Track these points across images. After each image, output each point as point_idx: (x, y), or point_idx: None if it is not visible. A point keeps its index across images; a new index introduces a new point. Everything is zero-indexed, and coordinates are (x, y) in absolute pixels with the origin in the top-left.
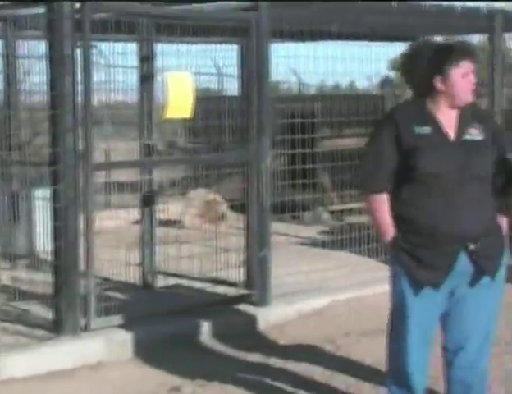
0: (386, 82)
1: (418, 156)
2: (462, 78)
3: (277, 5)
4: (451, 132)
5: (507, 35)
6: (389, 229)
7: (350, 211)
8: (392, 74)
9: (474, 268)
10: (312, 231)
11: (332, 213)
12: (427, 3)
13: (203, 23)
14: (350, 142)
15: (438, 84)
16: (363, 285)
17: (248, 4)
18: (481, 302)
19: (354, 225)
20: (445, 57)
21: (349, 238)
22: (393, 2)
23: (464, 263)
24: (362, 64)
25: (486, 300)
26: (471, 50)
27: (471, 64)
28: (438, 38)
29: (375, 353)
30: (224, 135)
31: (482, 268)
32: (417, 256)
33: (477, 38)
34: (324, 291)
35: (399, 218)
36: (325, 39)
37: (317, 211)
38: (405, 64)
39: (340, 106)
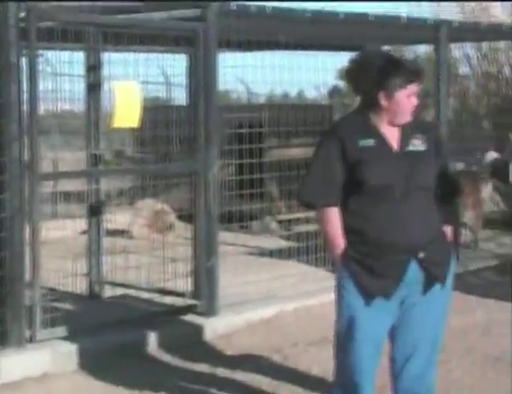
0: (334, 92)
1: (363, 169)
2: (405, 99)
3: (225, 15)
4: (395, 144)
5: (453, 45)
6: (340, 241)
7: (298, 220)
8: (341, 83)
9: (425, 276)
10: (260, 241)
11: (280, 222)
12: (374, 14)
13: (151, 32)
14: (298, 152)
15: (382, 99)
16: (311, 294)
17: (195, 14)
18: (430, 311)
19: (302, 234)
20: (392, 74)
21: (297, 247)
22: (340, 13)
23: (414, 272)
24: (309, 74)
25: (434, 308)
26: (419, 71)
27: (416, 86)
28: (386, 48)
29: (322, 362)
30: (172, 145)
31: (434, 276)
32: (367, 267)
33: (423, 49)
34: (272, 301)
35: (348, 230)
36: (272, 49)
37: (266, 220)
38: (352, 71)
39: (288, 116)
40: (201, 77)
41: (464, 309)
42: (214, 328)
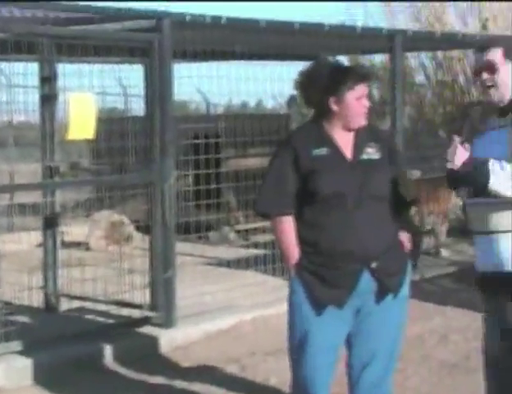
0: (292, 101)
1: (315, 178)
2: (355, 101)
3: (180, 26)
4: (348, 152)
5: (409, 54)
6: (293, 250)
7: (255, 230)
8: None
9: (378, 286)
10: (218, 251)
11: (238, 232)
12: (329, 24)
13: (106, 43)
14: (255, 161)
15: (332, 105)
16: (269, 304)
17: (150, 25)
18: (386, 320)
19: (260, 244)
20: (340, 78)
21: (255, 257)
22: (295, 23)
23: (366, 282)
24: (266, 84)
25: (391, 317)
26: (367, 74)
27: (365, 88)
28: (342, 58)
29: (280, 373)
30: (128, 156)
31: (386, 286)
32: (320, 276)
33: (380, 58)
34: (230, 311)
35: (302, 240)
36: (228, 59)
37: (224, 230)
38: (302, 83)
39: (245, 126)
40: (157, 88)
41: (421, 317)
42: (171, 340)
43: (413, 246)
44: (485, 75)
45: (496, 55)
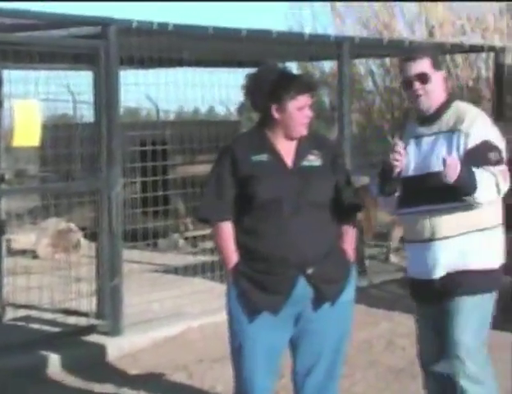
0: (242, 108)
1: (254, 183)
2: (297, 111)
3: (126, 32)
4: (289, 159)
5: (358, 61)
6: (232, 256)
7: (204, 237)
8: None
9: (314, 293)
10: (166, 258)
11: (187, 239)
12: (277, 31)
13: (52, 50)
14: (203, 168)
15: (274, 112)
16: (217, 311)
17: (96, 31)
18: (327, 326)
19: (208, 250)
20: (283, 87)
21: (203, 264)
22: (242, 30)
23: (303, 288)
24: (213, 90)
25: (332, 323)
26: (312, 84)
27: (308, 98)
28: (291, 65)
29: (226, 380)
30: (74, 163)
31: (322, 293)
32: (257, 282)
33: (329, 64)
34: (177, 318)
35: (240, 245)
36: (176, 66)
37: (173, 238)
38: (249, 86)
39: (192, 132)
40: (103, 94)
41: (369, 322)
42: (118, 348)
43: (357, 253)
44: (417, 85)
45: (425, 64)
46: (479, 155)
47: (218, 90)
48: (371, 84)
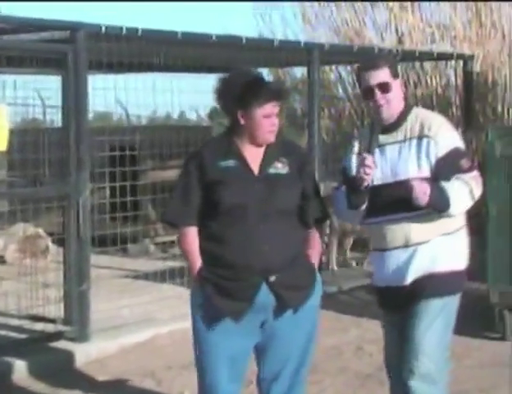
0: (213, 113)
1: (220, 189)
2: (263, 118)
3: (95, 37)
4: (256, 166)
5: (328, 68)
6: (196, 261)
7: (173, 243)
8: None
9: (276, 300)
10: (137, 264)
11: (157, 244)
12: (246, 37)
13: (19, 54)
14: (173, 173)
15: (241, 118)
16: (186, 316)
17: (65, 36)
18: (293, 332)
19: (177, 256)
20: (251, 93)
21: (172, 269)
22: (212, 35)
23: (265, 295)
24: (182, 95)
25: (297, 329)
26: (280, 92)
27: (276, 106)
28: (263, 71)
29: (195, 386)
30: (42, 168)
31: (284, 300)
32: (221, 288)
33: (301, 71)
34: (147, 324)
35: (205, 251)
36: (145, 71)
37: (144, 243)
38: (219, 90)
39: (163, 137)
40: (72, 99)
41: (338, 329)
42: (86, 354)
43: (320, 261)
44: (378, 94)
45: (385, 73)
46: (451, 163)
47: (188, 96)
48: (340, 90)
